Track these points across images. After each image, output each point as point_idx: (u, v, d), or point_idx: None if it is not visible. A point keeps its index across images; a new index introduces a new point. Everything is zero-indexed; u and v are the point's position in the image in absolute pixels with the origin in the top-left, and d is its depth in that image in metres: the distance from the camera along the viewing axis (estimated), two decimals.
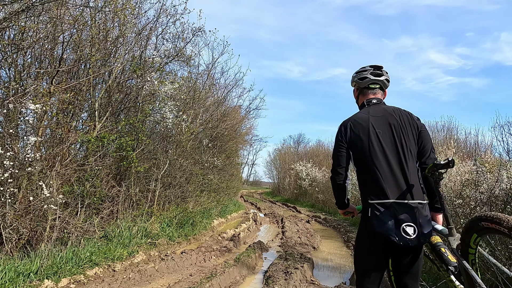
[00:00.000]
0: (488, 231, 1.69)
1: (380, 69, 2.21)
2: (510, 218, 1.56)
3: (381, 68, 2.21)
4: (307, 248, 7.13)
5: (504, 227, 1.55)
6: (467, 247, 1.83)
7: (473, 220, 1.76)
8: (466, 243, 1.83)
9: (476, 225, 1.73)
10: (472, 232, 1.77)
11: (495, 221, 1.60)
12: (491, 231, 1.67)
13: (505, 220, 1.56)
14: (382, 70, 2.20)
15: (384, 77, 2.20)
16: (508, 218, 1.57)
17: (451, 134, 14.66)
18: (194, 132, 9.91)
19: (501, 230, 1.58)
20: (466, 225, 1.81)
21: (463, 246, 1.85)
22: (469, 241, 1.80)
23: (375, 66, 2.22)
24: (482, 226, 1.69)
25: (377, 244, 1.89)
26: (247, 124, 19.33)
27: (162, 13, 7.67)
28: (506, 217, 1.59)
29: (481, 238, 1.77)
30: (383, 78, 2.19)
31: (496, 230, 1.62)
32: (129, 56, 6.97)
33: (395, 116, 2.04)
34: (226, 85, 13.36)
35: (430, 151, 2.00)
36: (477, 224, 1.72)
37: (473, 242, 1.79)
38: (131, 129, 6.68)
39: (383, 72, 2.20)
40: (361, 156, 2.00)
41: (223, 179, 12.17)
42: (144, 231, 5.94)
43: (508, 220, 1.55)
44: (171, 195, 7.77)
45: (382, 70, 2.21)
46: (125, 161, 6.01)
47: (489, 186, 4.51)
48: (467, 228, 1.80)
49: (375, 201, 1.88)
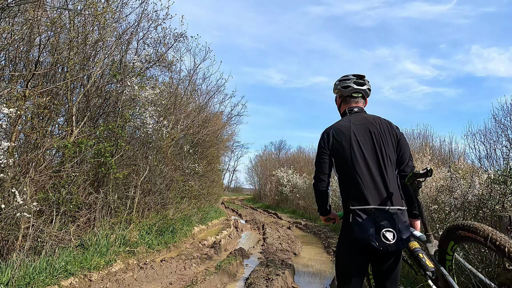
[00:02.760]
0: (465, 239, 1.75)
1: (363, 78, 2.26)
2: (485, 228, 1.62)
3: (364, 78, 2.26)
4: (288, 255, 7.14)
5: (480, 236, 1.61)
6: (445, 254, 1.89)
7: (451, 228, 1.82)
8: (443, 250, 1.89)
9: (453, 233, 1.79)
10: (450, 240, 1.83)
11: (471, 230, 1.67)
12: (468, 240, 1.73)
13: (481, 229, 1.63)
14: (364, 80, 2.25)
15: (366, 86, 2.25)
16: (484, 227, 1.64)
17: (427, 141, 15.15)
18: (175, 138, 9.81)
19: (477, 239, 1.64)
20: (443, 233, 1.87)
21: (440, 252, 1.92)
22: (447, 248, 1.86)
23: (358, 75, 2.26)
24: (459, 234, 1.75)
25: (358, 250, 1.92)
26: (228, 130, 19.33)
27: (144, 17, 7.61)
28: (482, 226, 1.65)
29: (458, 246, 1.84)
30: (366, 88, 2.25)
31: (472, 239, 1.68)
32: (109, 60, 6.85)
33: (375, 124, 2.09)
34: (208, 91, 13.35)
35: (408, 159, 2.07)
36: (454, 233, 1.78)
37: (450, 249, 1.85)
38: (110, 134, 6.54)
39: (366, 81, 2.26)
40: (343, 163, 2.04)
41: (204, 186, 12.06)
42: (122, 239, 5.79)
43: (484, 230, 1.61)
44: (151, 202, 7.63)
45: (365, 79, 2.26)
46: (103, 167, 5.86)
47: (463, 192, 4.68)
48: (445, 236, 1.87)
49: (356, 207, 1.92)
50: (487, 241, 1.52)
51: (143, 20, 7.63)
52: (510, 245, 1.44)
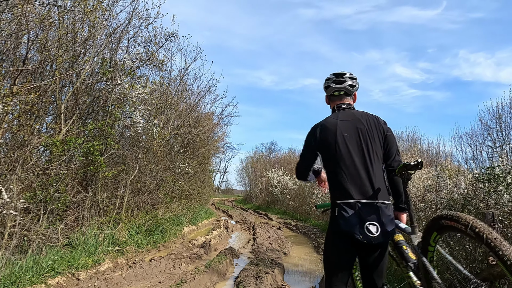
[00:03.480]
0: (448, 229, 1.80)
1: (342, 76, 2.28)
2: (467, 217, 1.68)
3: (343, 75, 2.28)
4: (278, 254, 7.17)
5: (461, 224, 1.67)
6: (427, 245, 1.94)
7: (434, 218, 1.88)
8: (426, 241, 1.94)
9: (436, 223, 1.85)
10: (433, 230, 1.88)
11: (454, 219, 1.72)
12: (450, 229, 1.78)
13: (463, 218, 1.68)
14: (344, 77, 2.27)
15: (346, 83, 2.26)
16: (466, 216, 1.69)
17: (415, 143, 15.41)
18: (166, 138, 9.75)
19: (458, 227, 1.69)
20: (427, 224, 1.93)
21: (423, 243, 1.97)
22: (429, 239, 1.92)
23: (337, 74, 2.30)
24: (442, 224, 1.80)
25: (344, 243, 1.97)
26: (219, 131, 19.29)
27: (134, 16, 7.57)
28: (463, 215, 1.71)
29: (440, 236, 1.89)
30: (346, 85, 2.26)
31: (454, 228, 1.73)
32: (99, 58, 6.79)
33: (362, 120, 2.13)
34: (199, 91, 13.31)
35: (395, 153, 2.12)
36: (437, 223, 1.84)
37: (433, 240, 1.90)
38: (100, 133, 6.48)
39: (346, 78, 2.27)
40: (329, 158, 2.11)
41: (195, 186, 12.02)
42: (111, 239, 5.74)
43: (466, 218, 1.67)
44: (141, 202, 7.58)
45: (345, 76, 2.27)
46: (92, 166, 5.81)
47: (449, 191, 4.78)
48: (428, 227, 1.92)
49: (341, 201, 1.98)
50: (467, 228, 1.57)
51: (134, 18, 7.59)
52: (488, 232, 1.49)
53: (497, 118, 9.63)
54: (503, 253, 1.40)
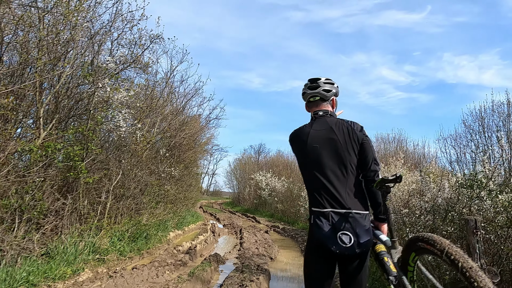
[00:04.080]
0: (425, 251, 1.76)
1: (316, 81, 2.23)
2: (443, 241, 1.63)
3: (317, 80, 2.23)
4: (264, 259, 7.10)
5: (437, 249, 1.63)
6: (407, 264, 1.90)
7: (412, 239, 1.84)
8: (405, 260, 1.91)
9: (414, 245, 1.81)
10: (411, 251, 1.85)
11: (430, 243, 1.68)
12: (427, 252, 1.74)
13: (439, 242, 1.64)
14: (318, 82, 2.22)
15: (321, 88, 2.20)
16: (442, 240, 1.65)
17: (401, 145, 15.58)
18: (151, 141, 9.59)
19: (434, 252, 1.65)
20: (406, 244, 1.89)
21: (403, 261, 1.93)
22: (408, 259, 1.88)
23: (311, 80, 2.26)
24: (419, 246, 1.76)
25: (322, 252, 1.93)
26: (207, 134, 19.14)
27: (118, 17, 7.42)
28: (439, 239, 1.66)
29: (418, 257, 1.85)
30: (320, 89, 2.20)
31: (430, 251, 1.69)
32: (80, 61, 6.62)
33: (336, 129, 2.07)
34: (186, 93, 13.18)
35: (371, 162, 2.04)
36: (415, 244, 1.80)
37: (412, 260, 1.86)
38: (81, 137, 6.30)
39: (320, 83, 2.21)
40: (303, 167, 2.12)
41: (181, 190, 11.87)
42: (92, 247, 5.57)
43: (441, 243, 1.62)
44: (124, 207, 7.41)
45: (319, 82, 2.22)
46: (73, 172, 5.64)
47: (433, 195, 4.80)
48: (407, 246, 1.88)
49: (316, 209, 1.97)
50: (443, 254, 1.53)
51: (117, 20, 7.44)
52: (464, 260, 1.45)
53: (480, 120, 9.82)
54: (478, 285, 1.36)
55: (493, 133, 9.49)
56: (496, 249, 3.83)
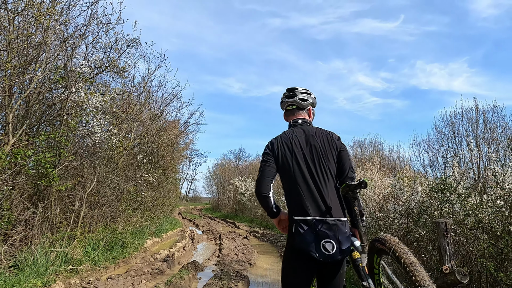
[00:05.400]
0: (381, 252, 1.80)
1: (293, 90, 2.31)
2: (392, 240, 1.68)
3: (295, 90, 2.30)
4: (243, 265, 7.07)
5: (387, 247, 1.67)
6: (372, 268, 1.95)
7: (371, 241, 1.88)
8: (371, 263, 1.95)
9: (374, 247, 1.85)
10: (373, 253, 1.89)
11: (382, 242, 1.72)
12: (382, 252, 1.78)
13: (388, 241, 1.69)
14: (295, 91, 2.29)
15: (297, 97, 2.27)
16: (391, 239, 1.69)
17: (377, 150, 15.98)
18: (128, 147, 9.38)
19: (385, 250, 1.70)
20: (368, 246, 1.92)
21: (369, 265, 1.97)
22: (373, 261, 1.92)
23: (289, 89, 2.33)
24: (376, 247, 1.80)
25: (302, 260, 1.94)
26: (186, 139, 18.95)
27: (93, 21, 7.26)
28: (390, 238, 1.71)
29: (380, 259, 1.89)
30: (297, 98, 2.27)
31: (383, 250, 1.74)
32: (53, 64, 6.41)
33: (316, 137, 2.13)
34: (164, 98, 13.02)
35: (348, 170, 2.11)
36: (374, 246, 1.84)
37: (376, 262, 1.90)
38: (53, 144, 6.08)
39: (296, 93, 2.29)
40: (285, 174, 2.09)
41: (159, 196, 11.65)
42: (64, 257, 5.36)
43: (390, 241, 1.67)
44: (99, 215, 7.19)
45: (296, 91, 2.29)
46: (44, 180, 5.43)
47: (406, 199, 4.94)
48: (369, 249, 1.92)
49: (298, 218, 1.95)
50: (391, 252, 1.59)
51: (92, 23, 7.28)
52: (407, 256, 1.52)
53: (451, 126, 10.23)
54: (416, 278, 1.43)
55: (463, 137, 9.92)
56: (466, 251, 3.98)
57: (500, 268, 3.51)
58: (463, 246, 3.98)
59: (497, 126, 9.12)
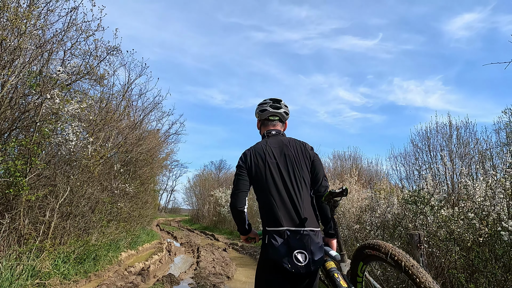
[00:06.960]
0: (372, 258, 1.82)
1: (279, 102, 2.34)
2: (387, 245, 1.71)
3: (280, 102, 2.35)
4: (221, 278, 6.94)
5: (382, 253, 1.69)
6: (355, 275, 1.95)
7: (359, 249, 1.89)
8: (354, 271, 1.95)
9: (361, 254, 1.86)
10: (359, 261, 1.89)
11: (375, 248, 1.74)
12: (374, 258, 1.80)
13: (383, 246, 1.71)
14: (281, 104, 2.34)
15: (282, 109, 2.33)
16: (386, 244, 1.72)
17: (356, 163, 16.26)
18: (104, 156, 9.14)
19: (380, 256, 1.71)
20: (353, 254, 1.93)
21: (352, 273, 1.97)
22: (357, 269, 1.92)
23: (275, 100, 2.36)
24: (366, 253, 1.81)
25: (275, 271, 1.92)
26: (166, 149, 18.69)
27: (72, 27, 7.13)
28: (384, 243, 1.73)
29: (366, 266, 1.90)
30: (282, 111, 2.33)
31: (376, 257, 1.75)
32: (27, 70, 6.23)
33: (290, 147, 2.15)
34: (144, 107, 12.85)
35: (322, 179, 2.13)
36: (362, 252, 1.85)
37: (360, 270, 1.91)
38: (25, 151, 5.85)
39: (282, 105, 2.34)
40: (258, 185, 2.08)
41: (136, 207, 11.37)
42: (31, 270, 5.10)
43: (386, 246, 1.69)
44: (71, 227, 6.92)
45: (281, 103, 2.34)
46: (12, 189, 5.19)
47: (382, 211, 5.02)
48: (354, 257, 1.93)
49: (271, 228, 1.94)
50: (387, 257, 1.60)
51: (71, 29, 7.14)
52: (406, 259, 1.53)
53: (426, 140, 10.57)
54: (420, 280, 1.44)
55: (437, 152, 10.26)
56: (439, 262, 4.05)
57: (470, 279, 3.59)
58: (436, 257, 4.05)
59: (469, 141, 9.48)
